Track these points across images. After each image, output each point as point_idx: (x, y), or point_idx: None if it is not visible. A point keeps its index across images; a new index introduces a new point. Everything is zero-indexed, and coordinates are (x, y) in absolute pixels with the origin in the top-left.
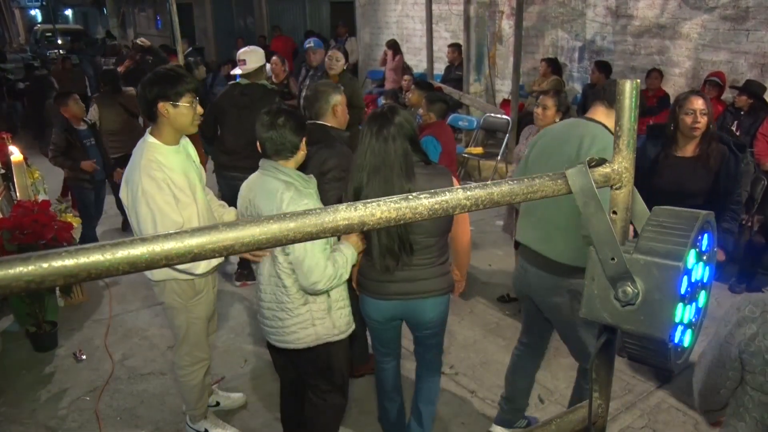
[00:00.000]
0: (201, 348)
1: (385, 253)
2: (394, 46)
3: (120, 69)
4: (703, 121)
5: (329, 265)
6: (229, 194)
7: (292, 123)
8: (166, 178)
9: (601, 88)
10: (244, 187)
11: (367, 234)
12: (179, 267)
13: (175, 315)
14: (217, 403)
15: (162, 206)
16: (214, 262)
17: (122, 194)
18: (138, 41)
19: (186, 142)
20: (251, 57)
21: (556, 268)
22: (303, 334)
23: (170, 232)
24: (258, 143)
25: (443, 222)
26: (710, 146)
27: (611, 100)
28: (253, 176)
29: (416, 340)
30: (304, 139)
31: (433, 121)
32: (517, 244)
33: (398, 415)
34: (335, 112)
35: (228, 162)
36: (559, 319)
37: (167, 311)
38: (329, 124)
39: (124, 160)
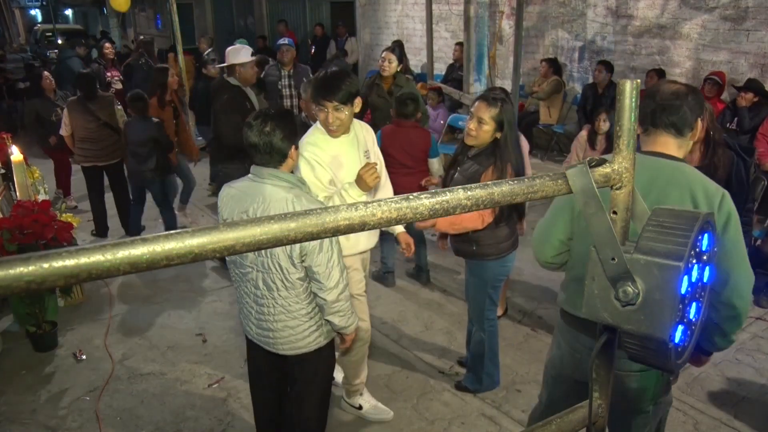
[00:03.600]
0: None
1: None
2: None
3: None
4: None
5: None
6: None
7: (279, 131)
8: (315, 158)
9: (659, 108)
10: (233, 196)
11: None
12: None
13: None
14: (360, 407)
15: (311, 181)
16: (371, 242)
17: None
18: (141, 38)
19: (358, 125)
20: (229, 55)
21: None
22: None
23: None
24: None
25: None
26: (716, 154)
27: (682, 125)
28: (242, 185)
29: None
30: (293, 148)
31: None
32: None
33: None
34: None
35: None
36: (636, 408)
37: None
38: None
39: (92, 171)
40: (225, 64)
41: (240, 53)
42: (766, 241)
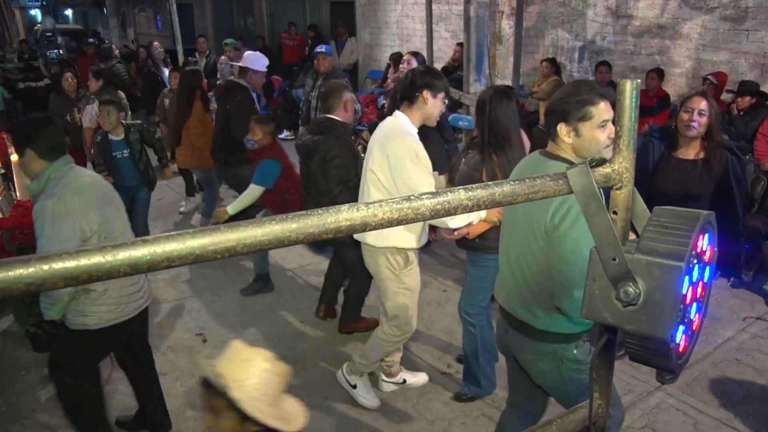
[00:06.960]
0: (407, 320)
1: None
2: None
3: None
4: (700, 121)
5: None
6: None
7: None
8: (419, 148)
9: (550, 111)
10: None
11: None
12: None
13: (387, 286)
14: (404, 381)
15: (426, 162)
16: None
17: (372, 162)
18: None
19: None
20: (249, 58)
21: (535, 334)
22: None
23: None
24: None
25: None
26: (715, 151)
27: (549, 137)
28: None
29: None
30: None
31: (267, 144)
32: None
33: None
34: (346, 107)
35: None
36: (549, 386)
37: (379, 284)
38: (339, 118)
39: None
40: (239, 65)
41: (259, 61)
42: (753, 218)
